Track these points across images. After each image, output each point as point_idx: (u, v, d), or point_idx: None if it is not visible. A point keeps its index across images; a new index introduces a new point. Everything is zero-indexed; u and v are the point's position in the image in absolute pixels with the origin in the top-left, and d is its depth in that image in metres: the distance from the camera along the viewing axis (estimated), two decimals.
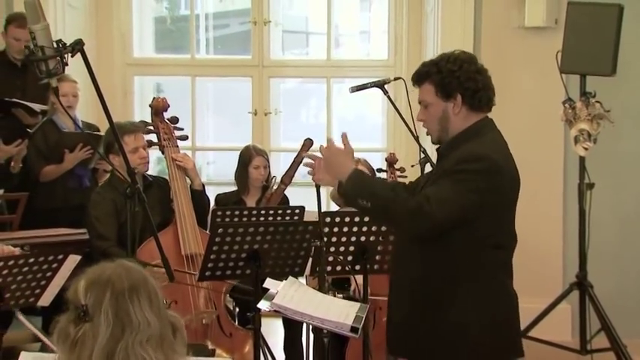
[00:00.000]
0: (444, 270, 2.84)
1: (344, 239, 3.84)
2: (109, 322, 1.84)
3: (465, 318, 2.81)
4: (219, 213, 4.47)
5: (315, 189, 3.33)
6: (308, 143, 4.83)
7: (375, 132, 6.86)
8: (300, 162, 4.82)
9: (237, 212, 4.47)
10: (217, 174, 6.84)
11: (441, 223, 2.75)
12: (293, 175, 4.86)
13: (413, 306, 2.90)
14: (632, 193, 5.45)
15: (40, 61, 2.81)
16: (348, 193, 2.85)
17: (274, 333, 5.23)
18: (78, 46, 2.84)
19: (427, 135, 3.02)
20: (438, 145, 3.01)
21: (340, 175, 2.86)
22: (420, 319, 2.87)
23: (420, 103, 2.97)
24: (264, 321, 4.31)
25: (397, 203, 2.77)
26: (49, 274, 3.46)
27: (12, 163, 4.91)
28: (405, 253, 2.95)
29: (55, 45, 2.85)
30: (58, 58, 2.82)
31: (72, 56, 2.87)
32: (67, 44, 2.85)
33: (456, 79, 2.84)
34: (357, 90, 4.67)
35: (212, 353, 4.05)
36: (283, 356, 4.95)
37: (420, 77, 2.93)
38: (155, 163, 5.96)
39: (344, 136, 2.98)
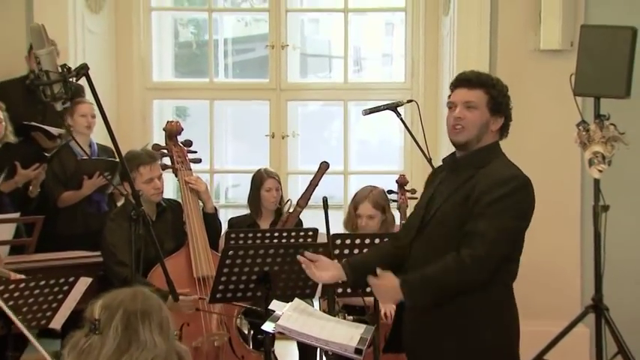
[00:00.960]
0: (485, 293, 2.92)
1: None
2: (117, 335, 1.91)
3: (480, 325, 2.89)
4: (233, 235, 4.49)
5: (337, 212, 3.34)
6: (324, 167, 4.86)
7: (395, 154, 6.87)
8: (317, 185, 4.85)
9: (250, 235, 4.49)
10: (236, 197, 6.88)
11: (495, 266, 2.87)
12: (309, 198, 4.88)
13: (433, 318, 2.95)
14: None
15: (45, 86, 2.86)
16: (417, 305, 2.95)
17: (290, 355, 5.23)
18: (83, 71, 2.89)
19: (455, 132, 3.01)
20: (455, 152, 3.08)
21: (396, 299, 3.00)
22: (441, 330, 2.93)
23: (465, 102, 3.00)
24: (279, 344, 4.34)
25: (458, 283, 2.86)
26: (60, 296, 3.50)
27: (30, 188, 4.97)
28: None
29: (59, 69, 2.90)
30: (63, 82, 2.86)
31: (77, 80, 2.92)
32: (72, 68, 2.90)
33: (506, 102, 3.04)
34: (370, 112, 4.69)
35: None
36: None
37: (477, 82, 3.02)
38: (171, 188, 6.00)
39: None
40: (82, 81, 2.98)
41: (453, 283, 2.85)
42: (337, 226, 5.69)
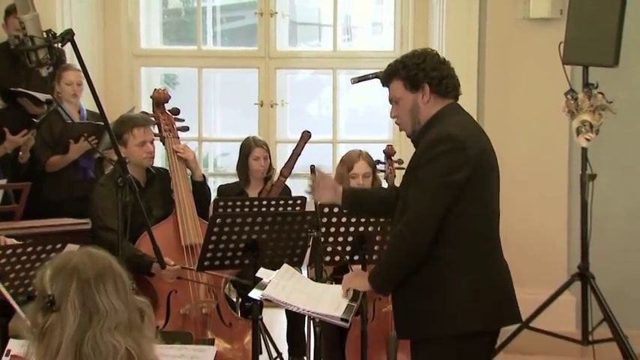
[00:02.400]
0: (433, 250, 2.91)
1: (342, 229, 3.86)
2: (76, 313, 1.84)
3: (450, 290, 2.89)
4: (221, 203, 4.50)
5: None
6: (306, 136, 4.87)
7: (384, 123, 6.86)
8: (299, 154, 4.85)
9: (238, 203, 4.49)
10: (228, 165, 6.87)
11: (429, 239, 2.86)
12: (293, 167, 4.88)
13: (407, 287, 2.96)
14: (635, 184, 5.43)
15: (30, 51, 2.84)
16: (384, 292, 3.18)
17: (278, 322, 5.26)
18: (68, 36, 2.86)
19: (400, 131, 3.17)
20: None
21: (365, 287, 3.03)
22: (414, 297, 2.94)
23: (390, 101, 3.10)
24: (267, 311, 4.35)
25: (397, 262, 2.93)
26: (47, 263, 3.48)
27: (20, 153, 4.95)
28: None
29: (44, 35, 2.87)
30: (47, 47, 2.83)
31: (62, 46, 2.90)
32: (57, 34, 2.87)
33: (421, 70, 2.99)
34: (359, 81, 4.65)
35: (211, 343, 4.08)
36: (286, 346, 4.98)
37: (388, 76, 3.08)
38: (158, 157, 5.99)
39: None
40: (68, 47, 2.95)
41: (402, 257, 2.90)
42: None
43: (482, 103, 5.70)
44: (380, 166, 4.79)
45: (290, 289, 2.96)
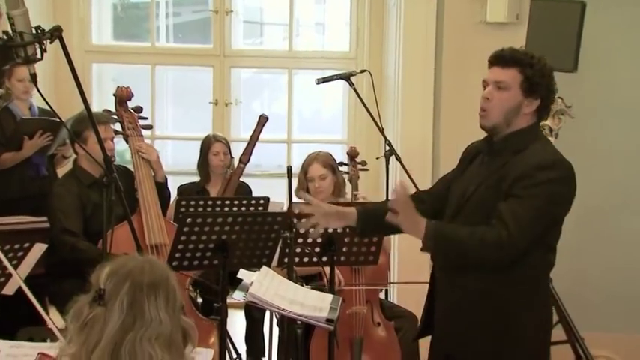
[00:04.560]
0: (506, 274, 2.78)
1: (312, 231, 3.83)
2: (122, 311, 1.85)
3: (521, 318, 2.79)
4: (184, 203, 4.44)
5: (279, 180, 3.33)
6: (263, 120, 4.87)
7: (333, 124, 6.87)
8: (257, 139, 4.84)
9: (201, 202, 4.45)
10: (176, 164, 6.79)
11: (524, 248, 2.74)
12: (251, 154, 4.86)
13: (472, 315, 2.83)
14: (591, 187, 5.53)
15: (19, 47, 2.76)
16: (433, 250, 2.85)
17: (235, 323, 5.22)
18: (57, 33, 2.80)
19: (481, 116, 2.89)
20: (488, 136, 2.93)
21: (414, 234, 2.80)
22: (481, 324, 2.82)
23: (495, 82, 2.87)
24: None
25: (479, 248, 2.73)
26: (14, 262, 3.40)
27: None
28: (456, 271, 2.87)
29: (33, 31, 2.80)
30: (36, 44, 2.76)
31: (51, 42, 2.83)
32: (46, 30, 2.80)
33: (544, 82, 2.85)
34: (324, 81, 4.69)
35: None
36: (244, 347, 4.95)
37: (511, 60, 2.86)
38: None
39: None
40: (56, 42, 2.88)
41: (476, 250, 2.71)
42: (281, 195, 5.71)
43: (438, 105, 5.76)
44: (344, 168, 4.78)
45: (273, 290, 2.94)
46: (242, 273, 3.12)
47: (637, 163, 5.61)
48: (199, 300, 4.81)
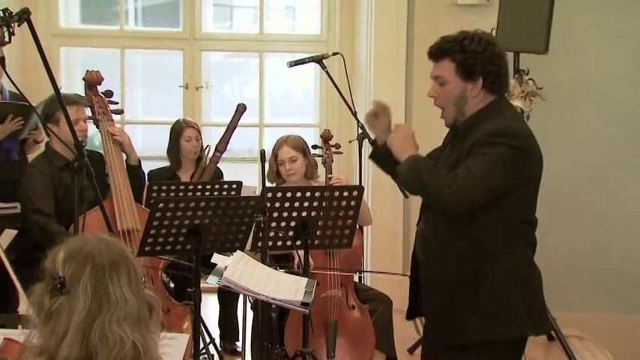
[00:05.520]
0: (479, 247, 2.79)
1: (285, 214, 3.83)
2: (87, 297, 1.80)
3: (498, 294, 2.77)
4: (155, 188, 4.41)
5: (251, 164, 3.31)
6: (241, 108, 4.84)
7: (304, 107, 6.85)
8: (235, 127, 4.81)
9: (173, 187, 4.41)
10: (146, 149, 6.73)
11: (475, 199, 2.71)
12: (228, 142, 4.84)
13: (448, 292, 2.84)
14: (562, 169, 5.59)
15: None
16: (399, 177, 2.95)
17: (207, 307, 5.20)
18: (25, 15, 2.75)
19: (441, 117, 2.92)
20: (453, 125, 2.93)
21: (399, 155, 2.91)
22: (455, 302, 2.82)
23: (434, 78, 2.86)
24: None
25: (436, 184, 2.75)
26: None
27: None
28: (434, 244, 2.90)
29: (1, 14, 2.75)
30: (4, 27, 2.71)
31: (19, 25, 2.78)
32: (14, 13, 2.75)
33: (479, 61, 2.77)
34: (296, 65, 4.67)
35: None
36: (217, 331, 4.94)
37: (440, 52, 2.82)
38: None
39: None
40: (23, 26, 2.83)
41: (433, 186, 2.75)
42: (252, 179, 5.68)
43: (410, 89, 5.77)
44: (317, 151, 4.77)
45: (248, 274, 2.92)
46: (216, 257, 3.10)
47: (607, 144, 5.66)
48: (171, 285, 4.79)
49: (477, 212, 2.75)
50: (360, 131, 4.61)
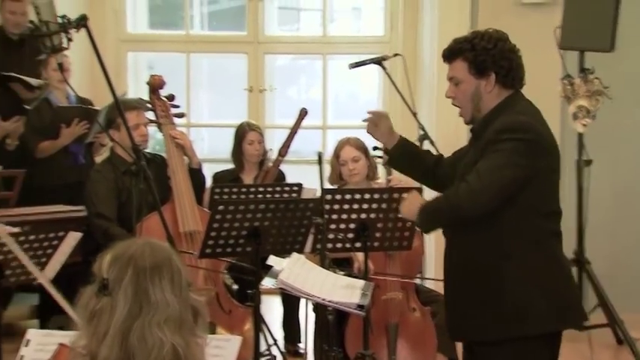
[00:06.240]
0: (494, 247, 2.81)
1: (344, 216, 3.82)
2: (127, 299, 1.82)
3: (520, 290, 2.78)
4: (218, 190, 4.45)
5: (312, 166, 3.32)
6: (303, 113, 4.85)
7: (369, 109, 6.82)
8: (296, 132, 4.84)
9: (235, 189, 4.45)
10: (211, 151, 6.82)
11: (488, 200, 2.76)
12: (289, 146, 4.86)
13: (469, 288, 2.87)
14: (629, 168, 5.47)
15: (45, 36, 2.77)
16: (421, 227, 3.15)
17: (272, 310, 5.23)
18: (82, 22, 2.81)
19: (460, 116, 2.98)
20: (471, 125, 2.99)
21: (412, 218, 3.03)
22: (477, 298, 2.84)
23: (450, 79, 2.94)
24: (262, 298, 4.32)
25: (448, 206, 2.86)
26: (49, 251, 3.44)
27: (7, 140, 4.87)
28: (455, 236, 2.95)
29: (59, 20, 2.81)
30: (63, 33, 2.77)
31: (77, 31, 2.83)
32: (72, 20, 2.80)
33: (490, 57, 2.83)
34: (356, 66, 4.66)
35: (212, 331, 4.05)
36: (281, 333, 4.96)
37: (452, 54, 2.90)
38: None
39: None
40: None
41: (447, 209, 2.84)
42: (313, 181, 5.69)
43: None
44: (378, 152, 4.74)
45: (304, 277, 2.93)
46: (272, 260, 3.11)
47: None
48: (235, 287, 4.83)
49: (493, 210, 2.78)
50: (421, 132, 4.58)
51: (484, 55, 2.82)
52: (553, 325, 2.83)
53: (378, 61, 4.63)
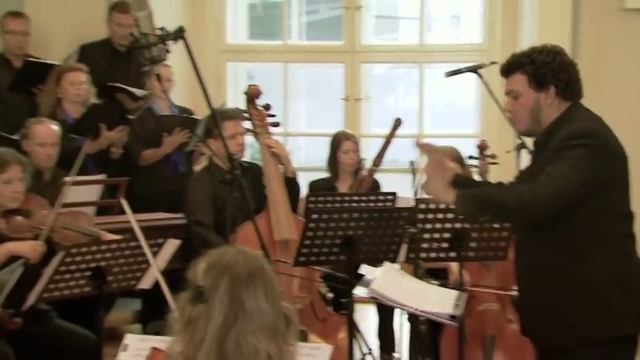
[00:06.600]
0: (568, 249, 2.82)
1: (439, 226, 3.80)
2: (223, 307, 1.85)
3: (598, 292, 2.77)
4: (312, 199, 4.49)
5: (408, 175, 3.32)
6: (397, 123, 4.85)
7: (466, 117, 6.77)
8: (390, 142, 4.83)
9: (329, 198, 4.48)
10: (308, 160, 6.87)
11: (558, 200, 2.74)
12: (383, 156, 4.86)
13: (544, 292, 2.86)
14: None
15: (144, 48, 2.86)
16: (464, 215, 2.96)
17: (367, 319, 5.23)
18: (180, 33, 2.88)
19: (512, 126, 3.03)
20: (534, 138, 2.98)
21: (443, 200, 2.90)
22: (554, 302, 2.84)
23: (508, 93, 2.96)
24: (356, 307, 4.34)
25: (512, 198, 2.77)
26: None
27: (112, 149, 5.03)
28: (526, 240, 2.94)
29: (157, 32, 2.89)
30: (161, 45, 2.86)
31: (175, 43, 2.91)
32: (170, 31, 2.89)
33: (549, 70, 2.85)
34: (452, 74, 4.64)
35: (305, 339, 4.08)
36: (376, 342, 4.96)
37: (511, 67, 2.92)
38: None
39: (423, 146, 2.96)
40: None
41: (505, 210, 2.78)
42: (405, 190, 5.68)
43: None
44: (473, 161, 4.71)
45: (396, 286, 2.93)
46: (364, 268, 3.12)
47: None
48: (330, 295, 4.85)
49: (564, 213, 2.77)
50: (518, 141, 4.51)
51: (543, 69, 2.85)
52: (633, 326, 2.81)
53: (475, 70, 4.59)
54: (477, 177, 4.73)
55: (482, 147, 4.76)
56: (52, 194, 3.99)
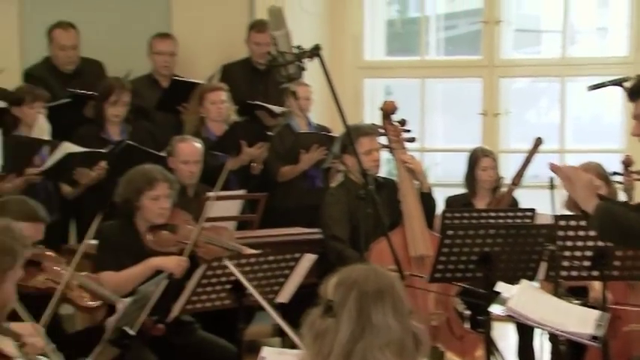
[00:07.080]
0: None
1: (580, 244, 3.70)
2: (350, 321, 1.87)
3: None
4: (449, 215, 4.46)
5: (548, 192, 3.24)
6: (538, 142, 4.77)
7: (612, 132, 6.55)
8: (530, 161, 4.75)
9: (466, 214, 4.44)
10: (446, 175, 6.82)
11: None
12: (523, 175, 4.77)
13: None
14: None
15: (281, 66, 2.93)
16: (595, 229, 2.83)
17: (507, 337, 5.13)
18: (316, 51, 2.94)
19: None
20: None
21: (584, 205, 2.78)
22: None
23: (636, 117, 2.87)
24: (495, 325, 4.27)
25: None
26: (286, 271, 3.60)
27: (253, 164, 5.15)
28: None
29: (294, 50, 2.96)
30: (297, 63, 2.92)
31: (310, 61, 2.97)
32: (306, 49, 2.95)
33: None
34: (595, 88, 4.51)
35: (441, 356, 4.05)
36: None
37: (636, 92, 2.83)
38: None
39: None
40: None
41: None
42: (545, 207, 5.53)
43: None
44: (617, 177, 4.55)
45: (533, 305, 2.86)
46: (501, 286, 3.07)
47: None
48: (467, 312, 4.79)
49: None
50: None
51: None
52: None
53: (619, 83, 4.44)
54: (621, 193, 4.57)
55: (627, 163, 4.60)
56: (196, 209, 4.12)
